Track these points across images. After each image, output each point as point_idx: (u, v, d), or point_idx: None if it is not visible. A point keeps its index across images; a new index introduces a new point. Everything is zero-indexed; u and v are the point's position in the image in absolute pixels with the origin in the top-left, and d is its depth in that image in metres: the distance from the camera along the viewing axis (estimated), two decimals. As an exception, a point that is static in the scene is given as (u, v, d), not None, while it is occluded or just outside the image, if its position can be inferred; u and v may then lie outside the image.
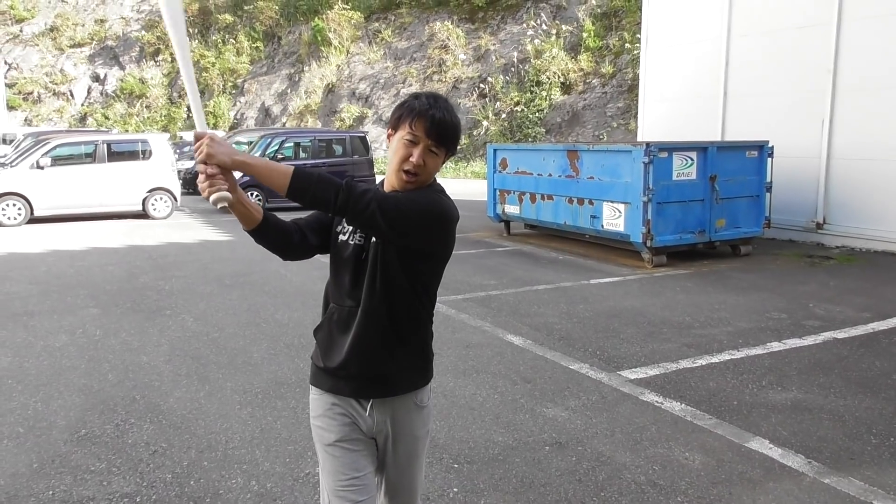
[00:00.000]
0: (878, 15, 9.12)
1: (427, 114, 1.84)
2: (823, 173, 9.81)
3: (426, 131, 1.83)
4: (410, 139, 1.84)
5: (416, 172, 1.85)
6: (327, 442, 1.95)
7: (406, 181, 1.86)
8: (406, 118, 1.85)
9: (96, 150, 13.63)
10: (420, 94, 1.91)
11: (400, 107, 1.91)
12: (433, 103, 1.87)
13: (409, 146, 1.84)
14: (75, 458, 3.52)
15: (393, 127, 1.90)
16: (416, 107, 1.85)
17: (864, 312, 6.18)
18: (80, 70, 40.01)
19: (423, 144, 1.84)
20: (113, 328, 5.91)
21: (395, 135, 1.89)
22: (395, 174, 1.87)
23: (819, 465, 3.33)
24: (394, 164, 1.87)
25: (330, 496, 1.95)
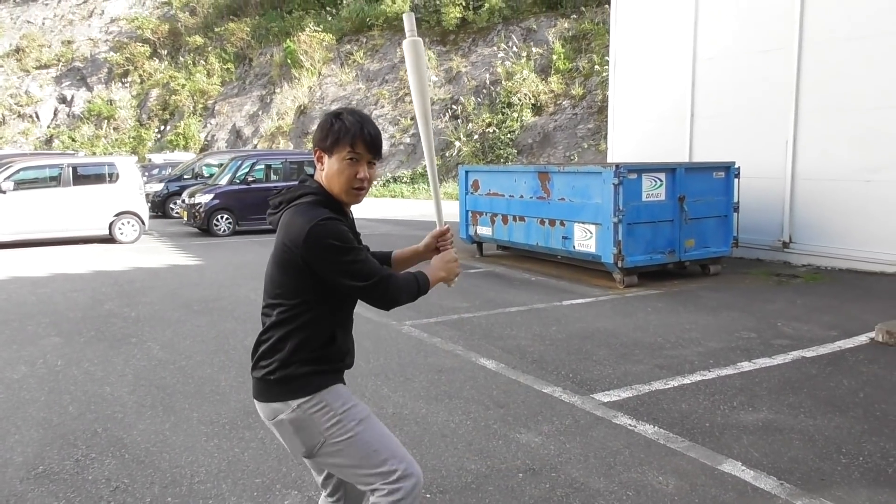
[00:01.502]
0: (838, 38, 9.37)
1: (364, 132, 2.03)
2: (788, 193, 10.00)
3: (367, 148, 2.05)
4: (353, 157, 2.03)
5: (366, 186, 2.10)
6: (366, 413, 2.13)
7: (358, 196, 2.09)
8: (344, 140, 2.02)
9: (61, 173, 13.39)
10: (340, 113, 2.07)
11: (328, 129, 2.05)
12: (361, 120, 2.05)
13: (353, 164, 2.04)
14: (32, 496, 3.39)
15: (327, 150, 2.05)
16: (351, 128, 2.02)
17: (831, 331, 6.27)
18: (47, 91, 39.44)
19: (364, 160, 2.06)
20: (75, 358, 5.75)
21: (330, 156, 2.05)
22: (348, 193, 2.07)
23: (791, 487, 3.34)
24: (343, 185, 2.05)
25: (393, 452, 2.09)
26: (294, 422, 2.04)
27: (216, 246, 13.22)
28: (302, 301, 2.03)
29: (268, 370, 2.05)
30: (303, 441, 2.07)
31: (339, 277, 1.98)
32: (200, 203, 14.81)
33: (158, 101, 37.33)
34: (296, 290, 2.03)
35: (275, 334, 2.06)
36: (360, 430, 2.06)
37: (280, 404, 2.05)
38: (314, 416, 2.04)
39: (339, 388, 2.11)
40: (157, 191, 19.51)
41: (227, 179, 15.30)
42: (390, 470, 2.04)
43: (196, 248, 12.84)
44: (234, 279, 9.43)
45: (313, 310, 2.04)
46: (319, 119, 2.15)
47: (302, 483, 3.45)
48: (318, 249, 1.94)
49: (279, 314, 2.05)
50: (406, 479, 2.04)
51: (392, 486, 2.03)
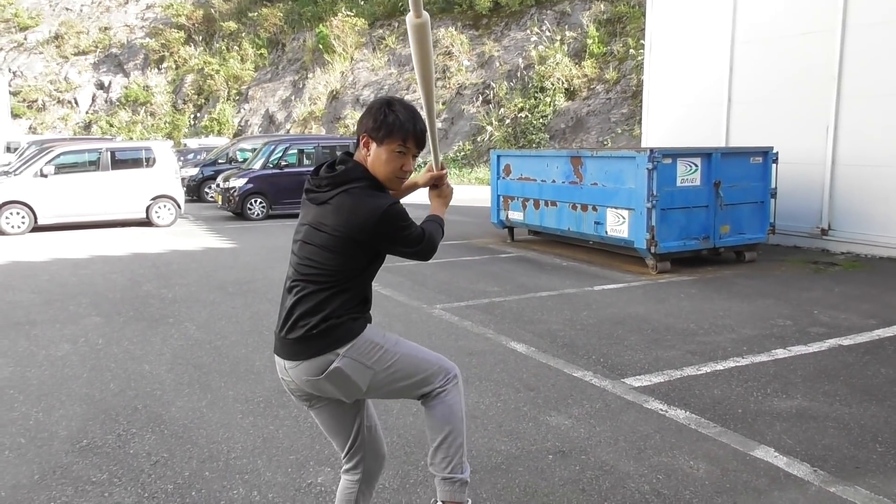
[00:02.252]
0: (882, 21, 9.10)
1: (416, 129, 2.21)
2: (828, 179, 9.78)
3: (416, 145, 2.24)
4: (402, 151, 2.22)
5: (407, 177, 2.33)
6: (396, 337, 2.39)
7: (401, 183, 2.33)
8: (397, 134, 2.19)
9: (100, 157, 13.67)
10: (391, 103, 2.22)
11: (381, 120, 2.19)
12: (413, 116, 2.21)
13: (401, 157, 2.23)
14: (77, 468, 3.51)
15: (378, 139, 2.20)
16: (405, 125, 2.19)
17: (870, 319, 6.15)
18: (85, 78, 40.23)
19: (411, 153, 2.25)
20: (115, 337, 5.91)
21: (379, 146, 2.21)
22: (394, 180, 2.27)
23: (825, 474, 3.30)
24: (388, 172, 2.24)
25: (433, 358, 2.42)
26: (347, 366, 2.21)
27: (250, 229, 13.42)
28: (350, 271, 2.20)
29: (309, 326, 2.20)
30: (358, 381, 2.24)
31: (399, 247, 2.22)
32: (234, 187, 15.02)
33: (193, 86, 37.84)
34: (346, 263, 2.19)
35: (315, 298, 2.21)
36: (400, 350, 2.33)
37: (328, 355, 2.20)
38: (363, 354, 2.23)
39: (370, 329, 2.32)
40: (193, 175, 19.81)
41: (261, 164, 15.47)
42: (438, 370, 2.38)
43: (230, 232, 13.05)
44: (268, 262, 9.57)
45: (357, 277, 2.24)
46: (368, 104, 2.28)
47: (335, 460, 3.52)
48: (391, 230, 2.16)
49: (321, 283, 2.20)
50: (453, 371, 2.41)
51: (447, 381, 2.38)
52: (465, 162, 26.15)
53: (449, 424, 2.36)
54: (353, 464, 2.45)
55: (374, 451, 2.48)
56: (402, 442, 3.71)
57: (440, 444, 2.37)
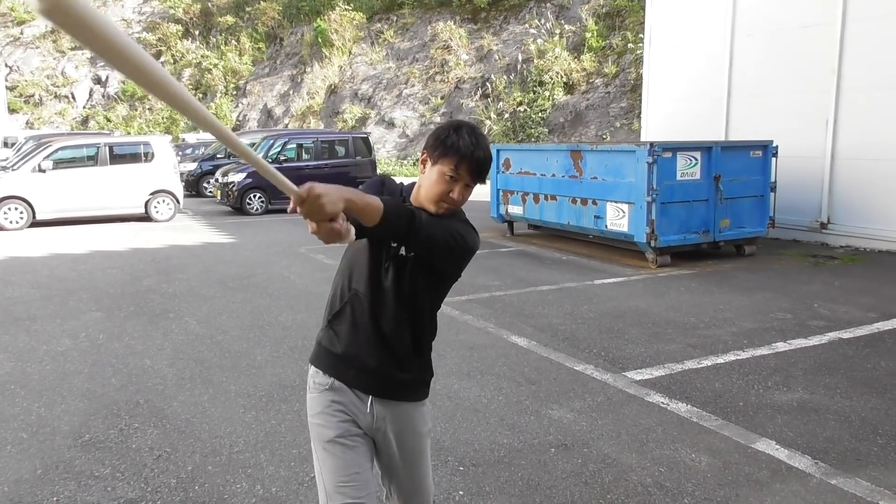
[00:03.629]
0: (882, 15, 9.09)
1: (473, 156, 1.90)
2: (828, 173, 9.78)
3: (470, 173, 1.92)
4: (453, 176, 1.91)
5: (454, 207, 1.96)
6: (326, 439, 1.97)
7: (443, 212, 1.95)
8: (452, 157, 1.90)
9: (98, 152, 13.62)
10: (461, 127, 1.94)
11: (443, 140, 1.93)
12: (476, 143, 1.92)
13: (450, 182, 1.92)
14: (79, 463, 3.52)
15: (434, 159, 1.93)
16: (462, 148, 1.90)
17: (870, 312, 6.16)
18: (82, 72, 40.05)
19: (463, 182, 1.93)
20: (116, 332, 5.91)
21: (433, 165, 1.93)
22: (435, 204, 1.93)
23: (826, 466, 3.32)
24: (432, 195, 1.93)
25: (329, 494, 1.94)
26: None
27: (249, 224, 13.40)
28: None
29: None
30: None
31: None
32: (233, 182, 14.99)
33: (191, 80, 37.70)
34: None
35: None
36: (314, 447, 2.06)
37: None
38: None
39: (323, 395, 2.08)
40: (191, 170, 19.77)
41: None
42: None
43: (229, 227, 13.03)
44: (267, 257, 9.57)
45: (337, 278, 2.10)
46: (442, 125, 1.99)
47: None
48: None
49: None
50: None
51: None
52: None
53: None
54: None
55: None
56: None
57: None
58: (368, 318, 1.97)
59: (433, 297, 2.04)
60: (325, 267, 8.42)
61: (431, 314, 2.06)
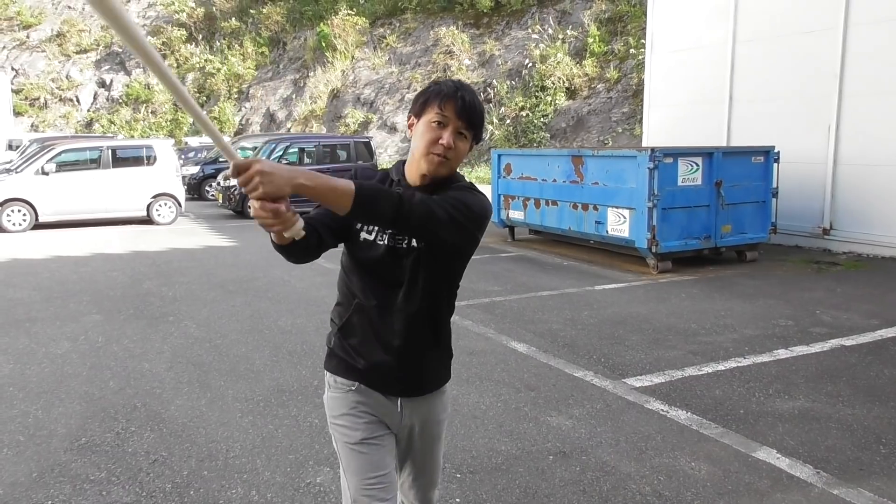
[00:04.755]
0: (884, 20, 9.07)
1: (456, 95, 1.78)
2: (830, 179, 9.75)
3: (457, 112, 1.77)
4: (439, 120, 1.78)
5: (447, 155, 1.79)
6: (353, 441, 1.89)
7: (438, 163, 1.80)
8: (434, 100, 1.79)
9: (101, 155, 13.65)
10: (439, 81, 1.85)
11: (424, 92, 1.83)
12: (460, 86, 1.81)
13: (438, 128, 1.78)
14: (75, 466, 3.50)
15: (417, 113, 1.83)
16: (444, 90, 1.79)
17: (872, 319, 6.12)
18: (87, 76, 40.18)
19: (452, 126, 1.78)
20: (115, 335, 5.90)
21: (419, 120, 1.82)
22: (425, 157, 1.80)
23: (828, 476, 3.28)
24: (421, 148, 1.80)
25: (355, 496, 1.87)
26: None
27: (250, 228, 13.38)
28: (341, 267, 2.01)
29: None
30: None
31: None
32: (235, 185, 14.99)
33: (194, 85, 37.78)
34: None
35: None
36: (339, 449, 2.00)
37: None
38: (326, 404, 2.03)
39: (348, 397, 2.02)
40: (193, 173, 19.78)
41: (262, 162, 15.43)
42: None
43: (231, 230, 13.03)
44: (268, 261, 9.55)
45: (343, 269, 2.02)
46: None
47: (333, 460, 3.49)
48: None
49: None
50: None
51: None
52: (466, 161, 26.10)
53: None
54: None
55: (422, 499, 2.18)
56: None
57: None
58: (382, 324, 1.86)
59: (452, 279, 1.93)
60: (325, 271, 8.40)
61: (450, 297, 1.95)
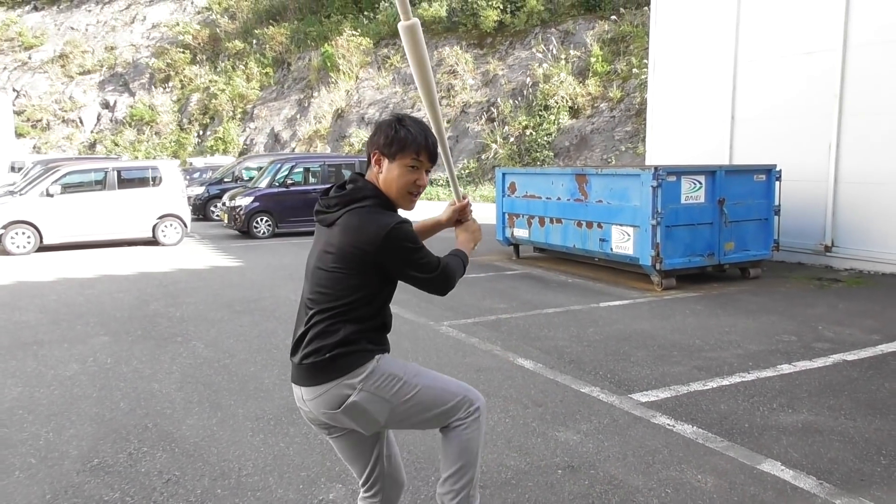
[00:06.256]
0: (883, 41, 9.20)
1: (427, 143, 2.17)
2: (831, 197, 9.83)
3: (429, 158, 2.20)
4: (415, 165, 2.17)
5: (421, 192, 2.25)
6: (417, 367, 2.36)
7: (412, 201, 2.25)
8: (410, 149, 2.15)
9: (106, 177, 13.76)
10: (401, 120, 2.18)
11: (392, 135, 2.16)
12: (424, 130, 2.18)
13: (414, 172, 2.18)
14: (88, 488, 3.54)
15: (390, 156, 2.16)
16: (418, 139, 2.15)
17: (873, 335, 6.17)
18: (90, 97, 40.55)
19: (424, 168, 2.20)
20: (124, 356, 5.95)
21: (391, 162, 2.17)
22: (405, 197, 2.22)
23: (830, 487, 3.32)
24: (401, 188, 2.19)
25: (456, 388, 2.35)
26: (364, 400, 2.17)
27: (256, 248, 13.49)
28: (362, 296, 2.13)
29: (323, 351, 2.15)
30: (376, 414, 2.20)
31: (409, 272, 2.15)
32: (241, 206, 15.13)
33: (199, 105, 38.14)
34: (357, 287, 2.13)
35: (329, 322, 2.16)
36: (421, 381, 2.27)
37: (343, 387, 2.15)
38: (380, 387, 2.19)
39: (387, 357, 2.26)
40: (198, 194, 19.94)
41: (267, 182, 15.59)
42: (461, 401, 2.31)
43: (237, 250, 13.13)
44: (275, 280, 9.63)
45: (371, 302, 2.17)
46: (377, 123, 2.22)
47: (346, 477, 3.55)
48: (396, 250, 2.09)
49: (335, 308, 2.15)
50: (476, 403, 2.34)
51: (469, 412, 2.31)
52: (470, 179, 26.25)
53: (462, 459, 2.32)
54: (372, 492, 2.42)
55: (394, 479, 2.46)
56: (412, 458, 3.73)
57: (449, 477, 2.35)
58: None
59: None
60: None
61: None
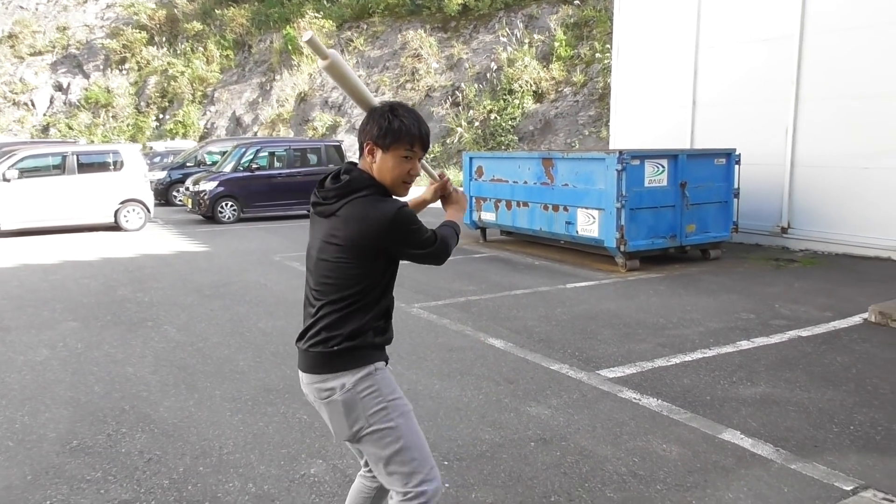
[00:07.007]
0: (838, 29, 9.51)
1: (421, 133, 2.18)
2: (788, 180, 10.17)
3: (423, 148, 2.21)
4: (409, 156, 2.18)
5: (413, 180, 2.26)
6: (409, 409, 2.22)
7: (407, 188, 2.26)
8: (404, 140, 2.15)
9: (65, 161, 13.46)
10: (394, 109, 2.17)
11: (386, 126, 2.15)
12: (417, 120, 2.19)
13: (408, 162, 2.19)
14: (69, 468, 3.58)
15: (384, 147, 2.15)
16: (409, 129, 2.15)
17: (827, 312, 6.47)
18: (42, 79, 39.28)
19: (417, 157, 2.22)
20: (95, 341, 5.93)
21: (385, 152, 2.16)
22: (400, 186, 2.22)
23: (786, 453, 3.54)
24: (395, 178, 2.19)
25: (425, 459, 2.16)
26: (346, 402, 2.11)
27: (222, 233, 13.38)
28: (369, 283, 2.13)
29: (333, 341, 2.12)
30: (350, 423, 2.12)
31: (412, 250, 2.16)
32: (205, 191, 14.95)
33: (157, 88, 37.29)
34: (363, 275, 2.12)
35: (340, 313, 2.13)
36: (400, 423, 2.14)
37: (337, 382, 2.12)
38: (365, 399, 2.11)
39: (388, 373, 2.21)
40: (160, 179, 19.61)
41: (232, 167, 15.43)
42: (413, 471, 2.11)
43: (202, 235, 13.01)
44: (243, 265, 9.60)
45: (377, 287, 2.16)
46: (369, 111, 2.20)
47: (326, 452, 3.64)
48: (403, 234, 2.11)
49: (345, 298, 2.12)
50: (432, 483, 2.13)
51: (413, 489, 2.11)
52: (435, 164, 26.29)
53: None
54: (373, 475, 2.37)
55: None
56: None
57: None
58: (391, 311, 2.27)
59: None
60: (300, 274, 8.47)
61: None
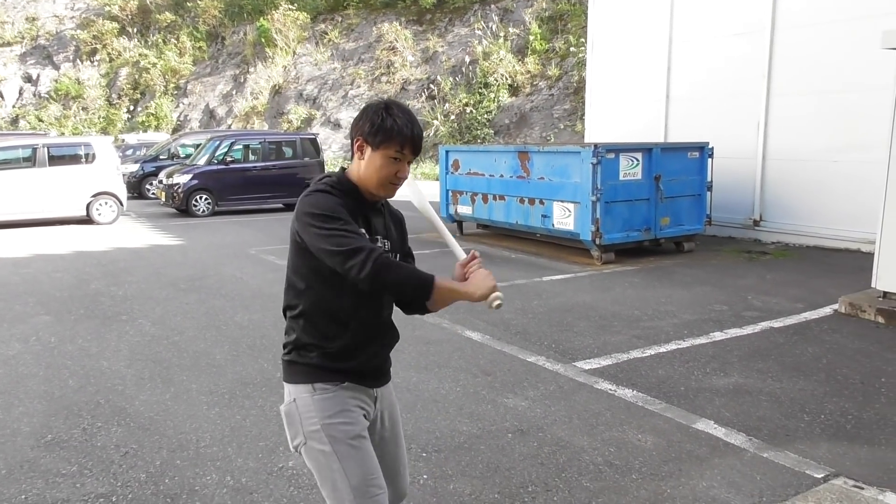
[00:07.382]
0: (808, 24, 9.67)
1: (413, 135, 2.00)
2: (759, 173, 10.34)
3: (413, 151, 2.02)
4: (398, 158, 2.00)
5: (401, 182, 2.07)
6: (353, 435, 1.97)
7: (393, 190, 2.07)
8: (395, 140, 1.97)
9: (35, 153, 13.21)
10: (389, 107, 2.00)
11: (378, 124, 1.97)
12: (411, 122, 2.00)
13: (396, 164, 2.00)
14: (45, 462, 3.54)
15: (374, 145, 1.98)
16: (401, 129, 1.97)
17: (798, 303, 6.60)
18: (10, 70, 38.47)
19: (407, 160, 2.03)
20: (68, 335, 5.85)
21: (374, 150, 1.98)
22: (386, 187, 2.03)
23: (759, 442, 3.62)
24: (381, 178, 2.01)
25: (359, 489, 1.93)
26: (288, 414, 2.03)
27: (196, 226, 13.24)
28: (310, 284, 2.00)
29: (284, 350, 2.07)
30: (291, 435, 2.03)
31: (320, 244, 1.88)
32: (179, 183, 14.77)
33: (128, 80, 36.70)
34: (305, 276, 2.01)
35: (290, 317, 2.05)
36: (337, 450, 1.95)
37: (286, 391, 2.05)
38: (302, 414, 1.99)
39: (339, 395, 1.99)
40: (133, 171, 19.33)
41: (206, 160, 15.25)
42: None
43: (176, 229, 12.85)
44: (218, 259, 9.52)
45: (316, 292, 2.00)
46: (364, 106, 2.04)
47: (304, 445, 3.64)
48: (302, 217, 1.91)
49: (292, 302, 2.05)
50: None
51: None
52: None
53: None
54: None
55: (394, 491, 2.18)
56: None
57: None
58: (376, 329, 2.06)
59: None
60: (277, 268, 8.45)
61: None
